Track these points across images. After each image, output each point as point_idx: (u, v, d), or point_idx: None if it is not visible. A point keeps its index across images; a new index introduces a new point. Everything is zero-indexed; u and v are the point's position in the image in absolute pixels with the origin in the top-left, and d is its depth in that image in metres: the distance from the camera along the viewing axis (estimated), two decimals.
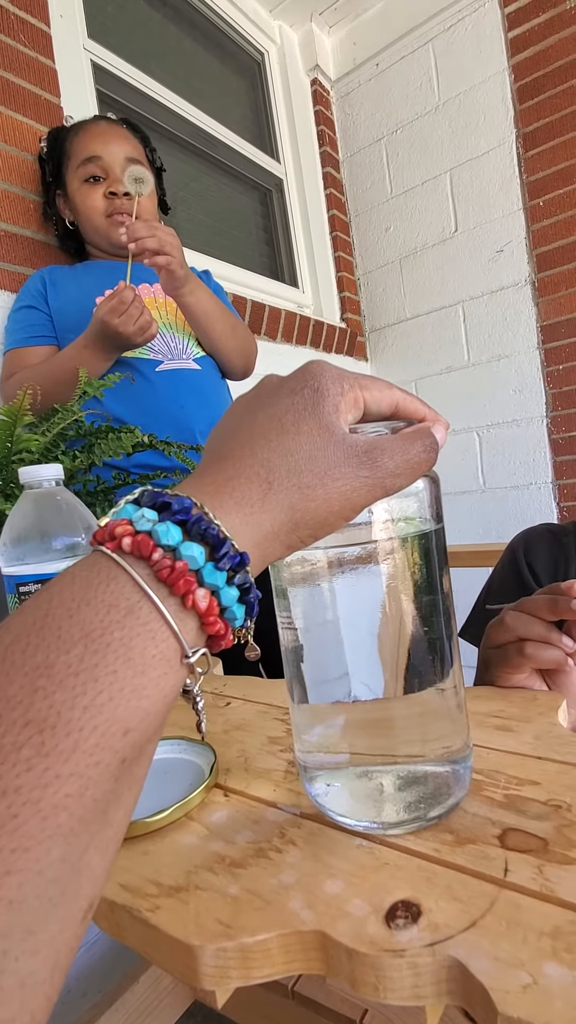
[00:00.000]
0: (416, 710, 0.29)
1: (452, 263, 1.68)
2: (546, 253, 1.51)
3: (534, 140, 1.50)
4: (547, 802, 0.28)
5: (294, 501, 0.21)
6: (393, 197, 1.78)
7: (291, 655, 0.31)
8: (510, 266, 1.57)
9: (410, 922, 0.22)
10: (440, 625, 0.29)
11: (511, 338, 1.59)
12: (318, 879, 0.26)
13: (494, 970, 0.20)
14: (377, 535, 0.28)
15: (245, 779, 0.35)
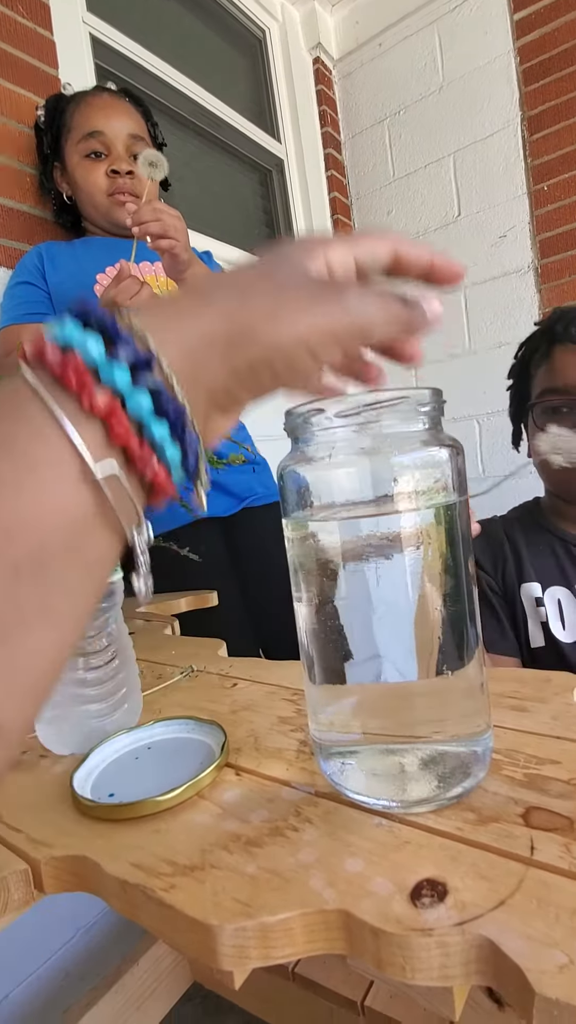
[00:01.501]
0: (439, 689, 0.29)
1: (454, 248, 1.65)
2: (550, 239, 1.49)
3: (539, 123, 1.48)
4: (569, 781, 0.28)
5: (232, 308, 0.19)
6: (395, 180, 1.75)
7: (310, 633, 0.30)
8: (513, 252, 1.55)
9: (436, 901, 0.22)
10: (464, 602, 0.28)
11: (513, 325, 1.57)
12: (338, 857, 0.25)
13: (528, 950, 0.19)
14: (400, 505, 0.27)
15: (256, 758, 0.35)
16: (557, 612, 0.64)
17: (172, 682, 0.49)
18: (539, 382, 0.68)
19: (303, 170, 1.80)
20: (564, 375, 0.63)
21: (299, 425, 0.28)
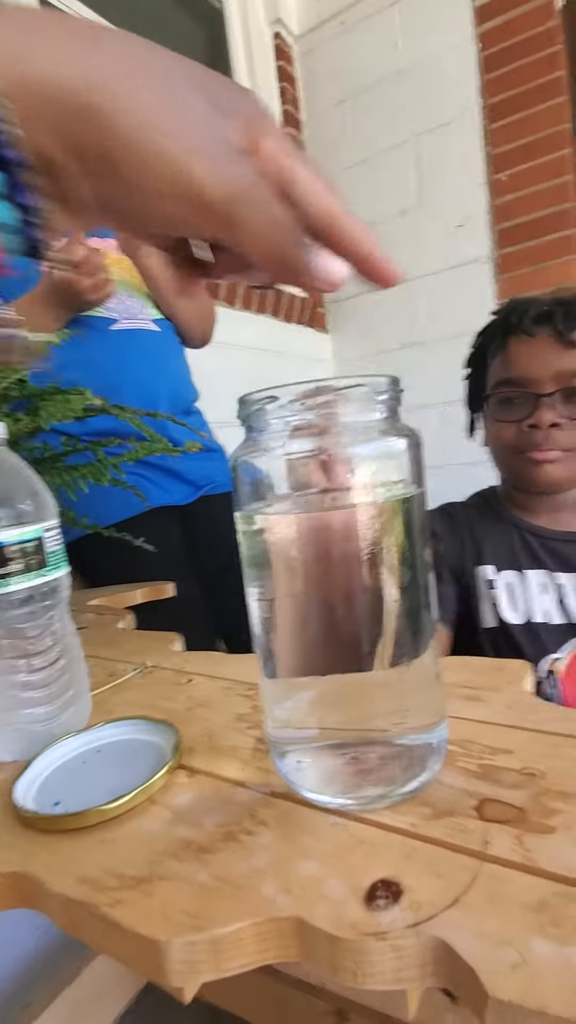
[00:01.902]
0: (393, 682, 0.28)
1: (413, 235, 1.66)
2: (508, 229, 1.51)
3: (499, 112, 1.49)
4: (522, 770, 0.28)
5: (111, 69, 0.15)
6: (355, 164, 1.73)
7: (262, 626, 0.29)
8: (471, 241, 1.57)
9: (391, 902, 0.21)
10: (420, 592, 0.27)
11: (471, 315, 1.59)
12: (292, 861, 0.24)
13: (481, 949, 0.19)
14: (357, 497, 0.26)
15: (211, 758, 0.33)
16: (508, 595, 0.66)
17: (124, 680, 0.47)
18: (494, 373, 0.68)
19: None
20: (518, 366, 0.64)
21: (252, 413, 0.27)
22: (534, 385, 0.62)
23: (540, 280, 1.49)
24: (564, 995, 0.17)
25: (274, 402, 0.25)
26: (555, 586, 0.64)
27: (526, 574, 0.65)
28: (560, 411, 0.61)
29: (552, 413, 0.61)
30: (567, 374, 0.61)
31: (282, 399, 0.25)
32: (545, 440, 0.62)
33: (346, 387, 0.25)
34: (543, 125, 1.44)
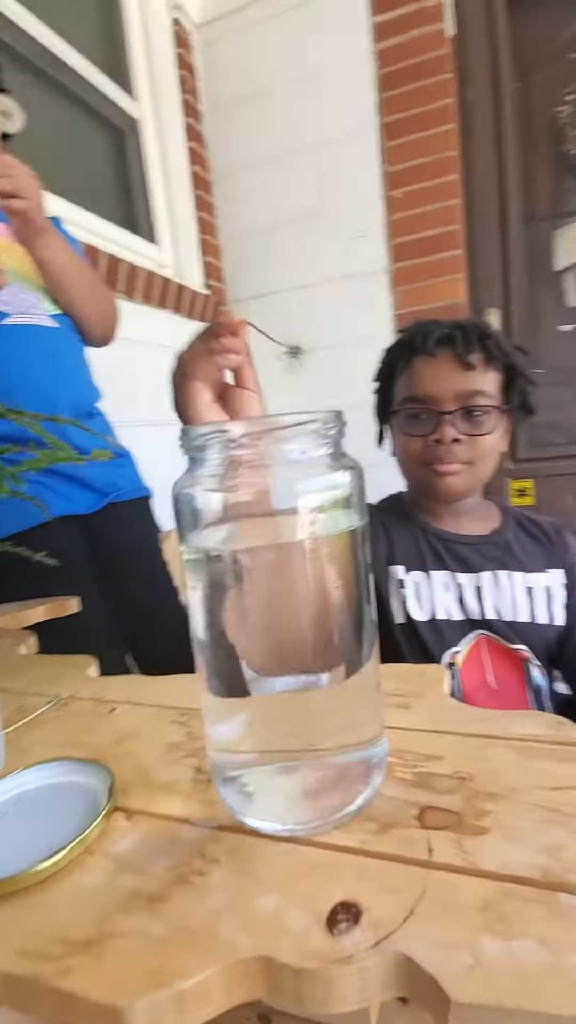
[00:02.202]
0: (337, 698, 0.29)
1: (315, 241, 1.70)
2: (402, 244, 1.61)
3: (395, 131, 1.57)
4: (453, 775, 0.30)
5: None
6: (257, 163, 1.73)
7: (206, 644, 0.28)
8: (370, 252, 1.64)
9: (352, 924, 0.22)
10: (363, 615, 0.28)
11: (371, 323, 1.68)
12: (250, 897, 0.24)
13: (439, 957, 0.20)
14: (303, 530, 0.26)
15: (148, 796, 0.32)
16: (415, 594, 0.71)
17: (37, 714, 0.44)
18: (400, 389, 0.73)
19: (162, 136, 1.69)
20: (422, 385, 0.69)
21: (199, 446, 0.26)
22: (437, 403, 0.67)
23: (431, 294, 1.61)
24: (512, 987, 0.19)
25: (223, 435, 0.25)
26: (456, 585, 0.70)
27: (431, 574, 0.70)
28: (461, 427, 0.67)
29: (454, 429, 0.66)
30: (466, 394, 0.66)
31: (232, 432, 0.25)
32: (448, 454, 0.67)
33: (298, 423, 0.25)
34: (434, 149, 1.55)
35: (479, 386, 0.67)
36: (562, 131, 1.59)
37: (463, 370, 0.66)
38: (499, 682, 0.68)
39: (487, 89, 1.61)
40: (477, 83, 1.62)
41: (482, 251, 1.68)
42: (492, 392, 0.68)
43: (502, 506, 0.79)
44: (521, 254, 1.65)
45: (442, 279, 1.59)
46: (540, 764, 0.30)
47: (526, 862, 0.24)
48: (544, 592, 0.69)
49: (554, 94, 1.59)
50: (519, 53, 1.59)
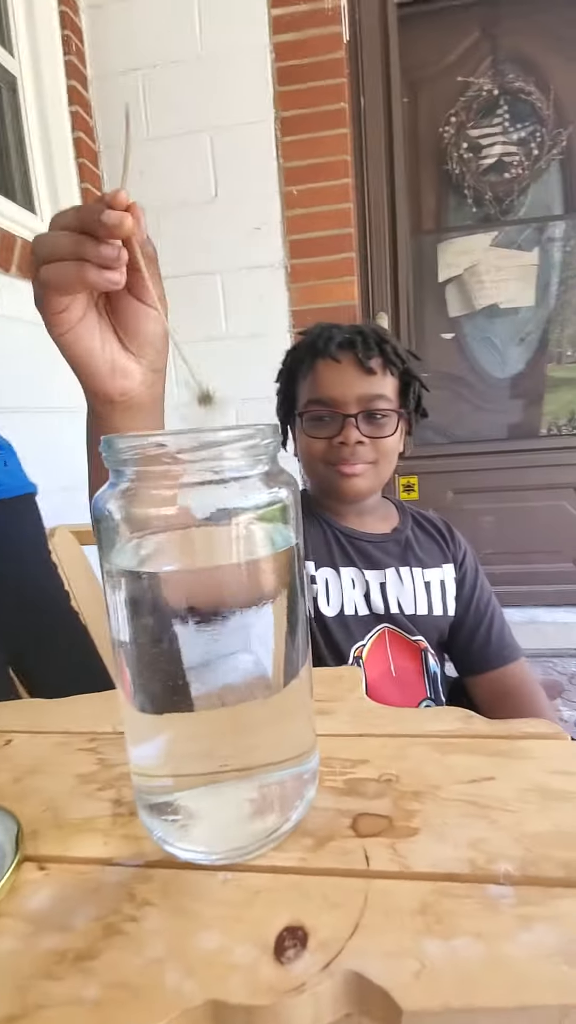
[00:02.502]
0: (273, 708, 0.28)
1: (212, 229, 1.66)
2: (298, 242, 1.62)
3: (291, 127, 1.58)
4: (380, 778, 0.32)
5: None
6: (150, 140, 1.64)
7: (131, 656, 0.26)
8: (267, 246, 1.64)
9: (300, 949, 0.22)
10: (298, 628, 0.28)
11: (267, 317, 1.67)
12: (191, 937, 0.23)
13: (387, 967, 0.21)
14: (241, 551, 0.25)
15: (62, 839, 0.29)
16: (324, 590, 0.72)
17: None
18: (304, 391, 0.74)
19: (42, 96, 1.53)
20: (325, 388, 0.70)
21: (130, 459, 0.24)
22: (341, 406, 0.69)
23: (326, 294, 1.65)
24: (457, 987, 0.20)
25: (160, 449, 0.23)
26: (363, 582, 0.72)
27: (340, 571, 0.72)
28: (364, 430, 0.69)
29: (357, 432, 0.69)
30: (368, 397, 0.69)
31: (169, 446, 0.23)
32: (352, 455, 0.69)
33: (233, 439, 0.24)
34: (328, 151, 1.58)
35: (379, 390, 0.70)
36: (446, 151, 1.71)
37: (364, 375, 0.69)
38: (399, 671, 0.72)
39: (378, 100, 1.68)
40: (370, 92, 1.68)
41: (374, 256, 1.75)
42: (391, 396, 0.71)
43: (398, 504, 0.84)
44: (409, 263, 1.76)
45: (336, 280, 1.64)
46: (456, 759, 0.33)
47: (455, 858, 0.26)
48: (439, 586, 0.75)
49: (439, 114, 1.70)
50: (409, 68, 1.68)
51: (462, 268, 1.76)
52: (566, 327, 1.78)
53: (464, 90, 1.67)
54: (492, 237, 1.73)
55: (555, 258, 1.74)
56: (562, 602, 1.86)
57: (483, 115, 1.68)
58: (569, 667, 1.68)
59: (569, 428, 1.83)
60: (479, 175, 1.70)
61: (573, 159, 1.67)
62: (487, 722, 0.36)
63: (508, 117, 1.67)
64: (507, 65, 1.64)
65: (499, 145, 1.68)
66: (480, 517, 1.87)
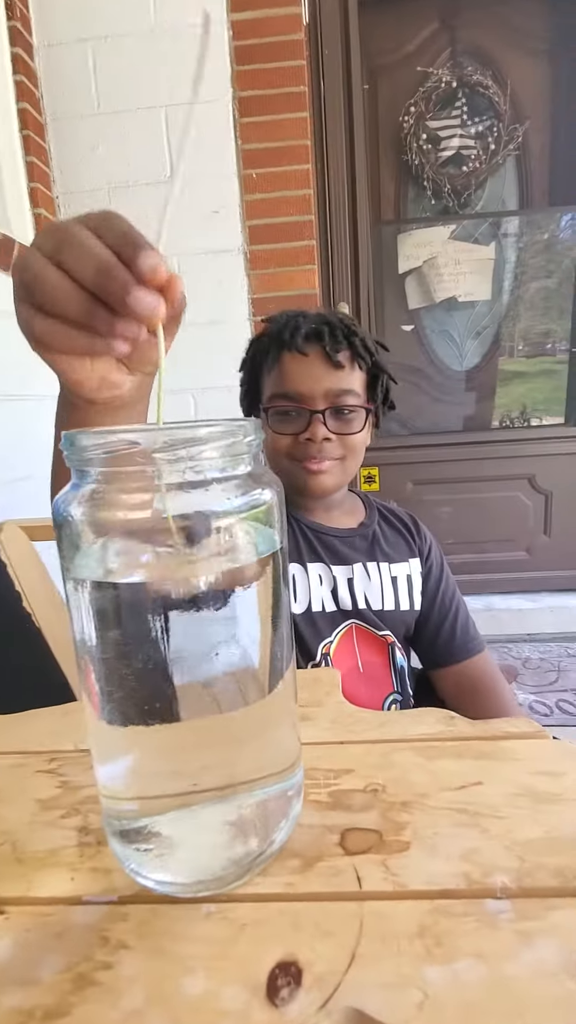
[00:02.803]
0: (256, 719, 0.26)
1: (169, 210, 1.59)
2: (257, 227, 1.58)
3: (249, 108, 1.53)
4: (366, 789, 0.30)
5: None
6: (101, 114, 1.56)
7: (98, 664, 0.23)
8: (225, 230, 1.59)
9: (294, 987, 0.21)
10: (283, 634, 0.26)
11: (226, 304, 1.63)
12: (173, 982, 0.21)
13: (389, 1001, 0.20)
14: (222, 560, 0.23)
15: (22, 877, 0.27)
16: (292, 586, 0.71)
17: None
18: (269, 384, 0.71)
19: None
20: (292, 383, 0.67)
21: (97, 459, 0.21)
22: (307, 401, 0.67)
23: (286, 282, 1.62)
24: (461, 1014, 0.19)
25: (133, 448, 0.21)
26: (331, 578, 0.71)
27: (308, 567, 0.71)
28: (331, 426, 0.67)
29: (324, 428, 0.67)
30: (335, 392, 0.67)
31: (144, 444, 0.21)
32: (318, 452, 0.68)
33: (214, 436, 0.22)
34: (287, 134, 1.54)
35: (347, 385, 0.68)
36: (405, 141, 1.70)
37: (332, 369, 0.67)
38: (367, 666, 0.72)
39: (338, 85, 1.65)
40: (330, 76, 1.65)
41: (334, 245, 1.74)
42: (359, 391, 0.70)
43: (364, 498, 0.83)
44: (369, 253, 1.75)
45: (297, 268, 1.61)
46: (441, 764, 0.32)
47: (449, 872, 0.25)
48: (406, 581, 0.75)
49: (399, 103, 1.69)
50: (369, 55, 1.66)
51: (421, 260, 1.77)
52: (518, 321, 1.83)
53: (423, 80, 1.67)
54: (451, 230, 1.75)
55: (510, 253, 1.78)
56: (516, 589, 1.93)
57: (442, 107, 1.68)
58: (523, 652, 1.74)
59: (521, 421, 1.89)
60: (438, 167, 1.71)
61: (528, 155, 1.70)
62: (469, 723, 0.35)
63: (466, 110, 1.68)
64: (465, 57, 1.65)
65: (457, 138, 1.69)
66: (438, 508, 1.90)
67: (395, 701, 0.72)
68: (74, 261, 0.26)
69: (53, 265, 0.27)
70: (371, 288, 1.77)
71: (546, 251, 1.76)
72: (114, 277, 0.25)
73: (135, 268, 0.25)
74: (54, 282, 0.27)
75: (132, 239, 0.26)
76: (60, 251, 0.27)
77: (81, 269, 0.26)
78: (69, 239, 0.27)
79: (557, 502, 1.88)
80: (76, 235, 0.27)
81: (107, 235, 0.27)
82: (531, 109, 1.67)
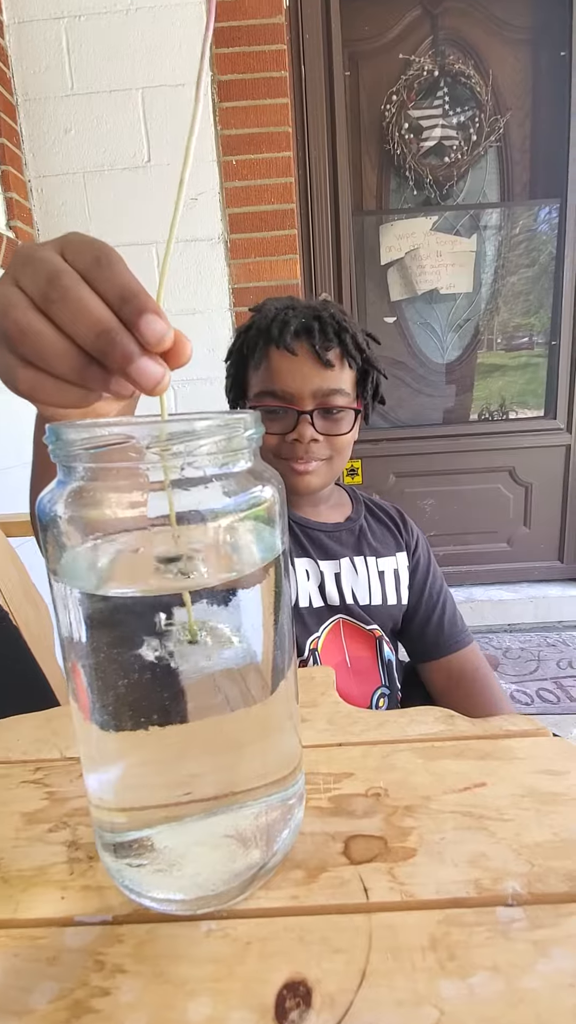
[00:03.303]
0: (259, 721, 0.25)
1: (145, 196, 1.55)
2: (237, 215, 1.55)
3: (229, 92, 1.49)
4: (367, 793, 0.29)
5: None
6: (75, 94, 1.50)
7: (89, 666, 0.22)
8: (204, 218, 1.55)
9: (304, 1008, 0.20)
10: (283, 626, 0.25)
11: (206, 294, 1.60)
12: (176, 1006, 0.20)
13: (403, 1020, 0.19)
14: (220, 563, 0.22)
15: (9, 897, 0.25)
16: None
17: None
18: (257, 380, 0.69)
19: None
20: (280, 381, 0.65)
21: (86, 454, 0.19)
22: (295, 401, 0.65)
23: (267, 272, 1.59)
24: None
25: (127, 442, 0.19)
26: (318, 573, 0.70)
27: (295, 562, 0.70)
28: (319, 426, 0.66)
29: (312, 429, 0.65)
30: (324, 392, 0.65)
31: (139, 439, 0.19)
32: (305, 453, 0.66)
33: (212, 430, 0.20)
34: (268, 121, 1.51)
35: (336, 384, 0.66)
36: (387, 130, 1.69)
37: (322, 368, 0.65)
38: (354, 661, 0.71)
39: (320, 71, 1.62)
40: (311, 62, 1.62)
41: (316, 235, 1.72)
42: (348, 390, 0.68)
43: (351, 492, 0.82)
44: (352, 244, 1.73)
45: (278, 258, 1.58)
46: (443, 765, 0.31)
47: (458, 880, 0.24)
48: (393, 575, 0.74)
49: (381, 91, 1.67)
50: (350, 41, 1.63)
51: (403, 251, 1.76)
52: (497, 315, 1.84)
53: (405, 68, 1.65)
54: (433, 222, 1.74)
55: (490, 246, 1.78)
56: (497, 580, 1.95)
57: (424, 96, 1.67)
58: (504, 642, 1.77)
59: (500, 414, 1.90)
60: (420, 157, 1.70)
61: (510, 147, 1.70)
62: (469, 722, 0.35)
63: (448, 100, 1.67)
64: (448, 46, 1.64)
65: (439, 128, 1.68)
66: (421, 500, 1.91)
67: (383, 695, 0.72)
68: (70, 319, 0.23)
69: (41, 315, 0.24)
70: (353, 279, 1.76)
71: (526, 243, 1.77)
72: (117, 345, 0.22)
73: (139, 333, 0.22)
74: (47, 340, 0.24)
75: (133, 297, 0.23)
76: (50, 301, 0.23)
77: (79, 331, 0.23)
78: (62, 293, 0.23)
79: (537, 494, 1.90)
80: (69, 289, 0.23)
81: (104, 287, 0.23)
82: (512, 101, 1.67)
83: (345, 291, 1.75)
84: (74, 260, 0.24)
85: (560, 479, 1.89)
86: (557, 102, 1.65)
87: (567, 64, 1.63)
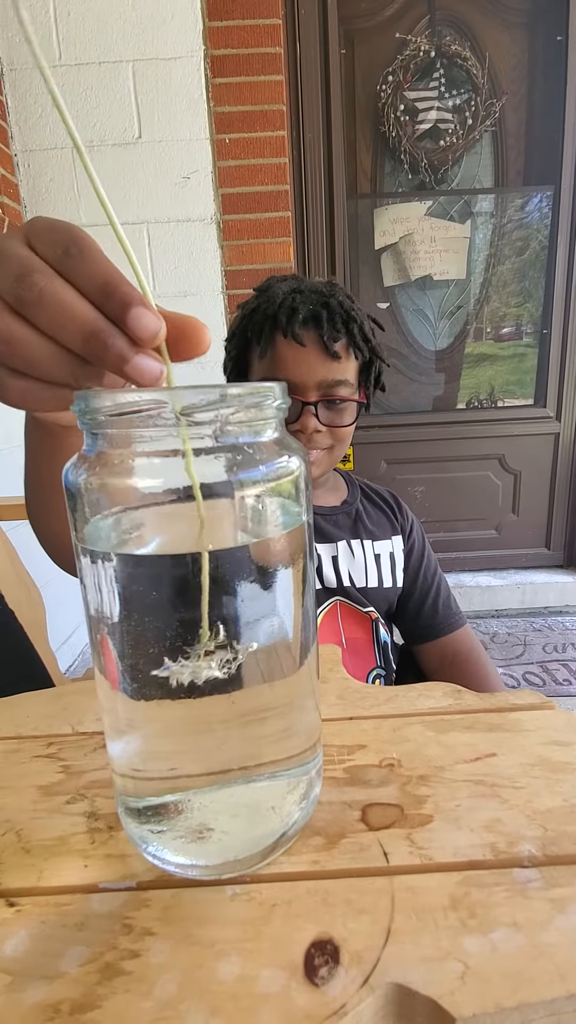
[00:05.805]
0: (286, 693, 0.25)
1: (137, 174, 1.52)
2: (231, 195, 1.53)
3: (222, 67, 1.46)
4: (381, 764, 0.30)
5: None
6: (63, 65, 1.46)
7: (123, 636, 0.22)
8: (196, 197, 1.53)
9: (333, 965, 0.20)
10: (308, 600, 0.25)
11: (198, 275, 1.58)
12: (207, 968, 0.20)
13: (430, 974, 0.20)
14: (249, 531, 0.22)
15: (32, 867, 0.25)
16: None
17: None
18: (260, 366, 0.67)
19: None
20: (285, 370, 0.64)
21: (113, 420, 0.19)
22: (301, 392, 0.64)
23: (261, 254, 1.57)
24: (505, 984, 0.19)
25: (159, 408, 0.19)
26: (315, 556, 0.71)
27: None
28: (323, 416, 0.65)
29: (316, 420, 0.65)
30: (328, 383, 0.64)
31: (171, 405, 0.19)
32: (308, 442, 0.66)
33: (247, 394, 0.20)
34: (262, 98, 1.48)
35: (342, 375, 0.65)
36: (382, 111, 1.66)
37: (328, 360, 0.64)
38: (350, 642, 0.72)
39: (315, 48, 1.59)
40: (306, 38, 1.59)
41: (310, 217, 1.70)
42: (352, 380, 0.67)
43: (347, 476, 0.82)
44: (345, 227, 1.72)
45: (271, 240, 1.57)
46: (454, 736, 0.32)
47: (475, 844, 0.25)
48: (389, 558, 0.75)
49: (376, 71, 1.65)
50: (346, 18, 1.60)
51: (398, 236, 1.75)
52: (488, 303, 1.84)
53: (401, 48, 1.63)
54: (427, 206, 1.73)
55: (484, 232, 1.77)
56: (485, 567, 1.98)
57: (420, 77, 1.65)
58: (491, 627, 1.80)
59: (489, 402, 1.92)
60: (415, 140, 1.68)
61: (505, 132, 1.69)
62: (477, 696, 0.35)
63: (444, 82, 1.65)
64: (444, 26, 1.62)
65: (435, 111, 1.66)
66: (411, 487, 1.92)
67: (378, 676, 0.73)
68: (52, 323, 0.21)
69: (20, 319, 0.22)
70: (347, 264, 1.74)
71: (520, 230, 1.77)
72: (110, 348, 0.21)
73: (128, 331, 0.21)
74: (33, 347, 0.22)
75: (114, 289, 0.21)
76: (25, 304, 0.22)
77: (65, 335, 0.22)
78: (37, 293, 0.21)
79: (525, 482, 1.93)
80: (44, 288, 0.21)
81: (81, 280, 0.22)
82: (508, 84, 1.65)
83: (339, 276, 1.73)
84: (44, 251, 0.22)
85: (548, 467, 1.92)
86: (552, 88, 1.65)
87: (563, 49, 1.62)
